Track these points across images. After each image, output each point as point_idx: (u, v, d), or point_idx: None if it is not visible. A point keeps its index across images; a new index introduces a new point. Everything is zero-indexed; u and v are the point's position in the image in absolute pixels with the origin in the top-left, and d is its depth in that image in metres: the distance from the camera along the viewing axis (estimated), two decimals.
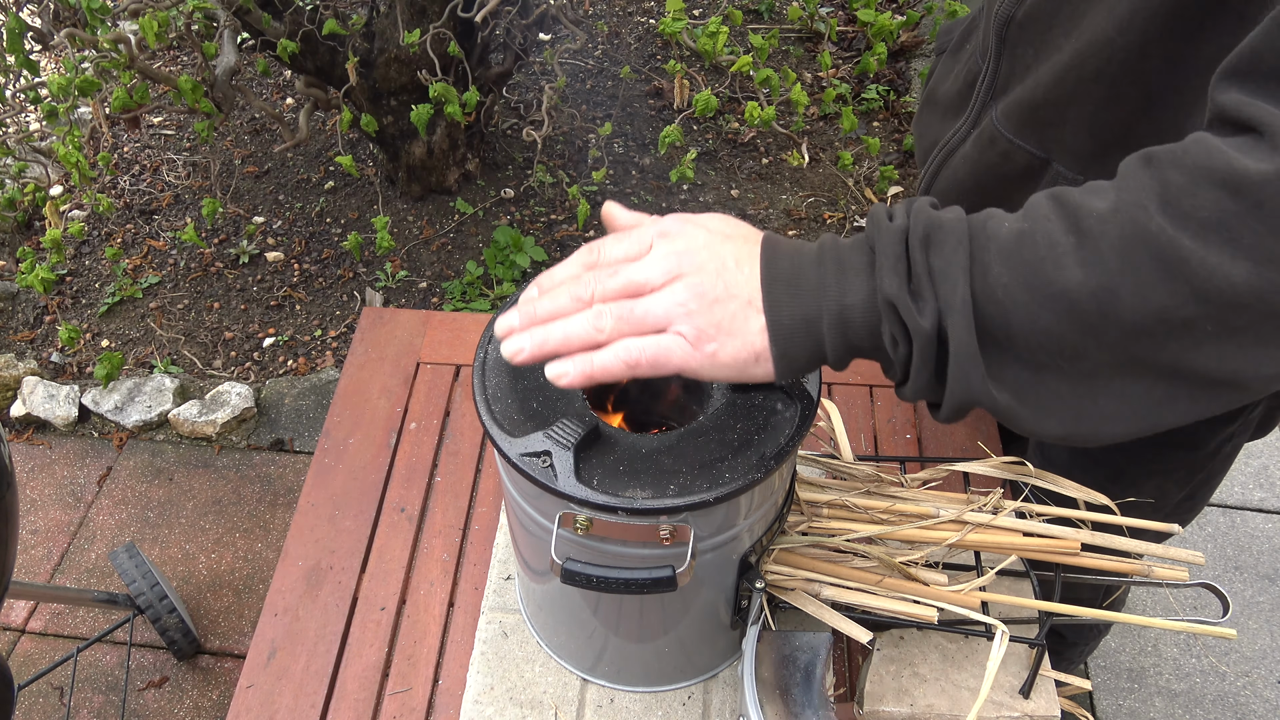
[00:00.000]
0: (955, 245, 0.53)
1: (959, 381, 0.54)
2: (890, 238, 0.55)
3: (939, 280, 0.53)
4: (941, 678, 0.79)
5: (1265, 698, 1.72)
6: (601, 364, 0.58)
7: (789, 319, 0.57)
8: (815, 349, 0.57)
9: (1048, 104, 0.76)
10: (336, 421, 1.10)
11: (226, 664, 1.81)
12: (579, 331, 0.59)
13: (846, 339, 0.56)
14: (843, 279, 0.56)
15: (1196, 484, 0.99)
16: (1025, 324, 0.52)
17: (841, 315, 0.55)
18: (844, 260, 0.56)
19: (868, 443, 1.08)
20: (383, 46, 2.18)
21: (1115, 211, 0.50)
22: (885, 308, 0.54)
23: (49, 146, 2.31)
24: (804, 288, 0.56)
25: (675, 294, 0.57)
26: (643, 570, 0.65)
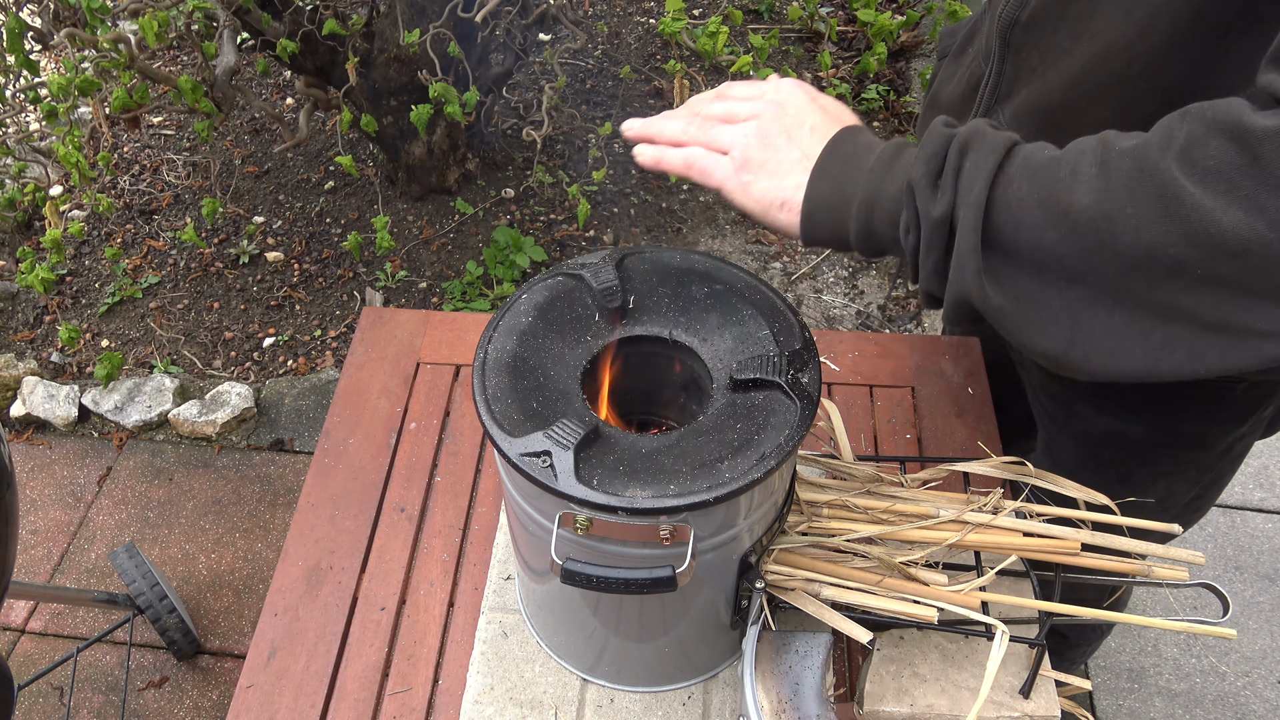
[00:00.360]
0: (988, 152, 0.58)
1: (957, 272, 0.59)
2: (937, 137, 0.61)
3: (962, 178, 0.58)
4: (941, 678, 0.79)
5: (1265, 698, 1.72)
6: (668, 159, 0.73)
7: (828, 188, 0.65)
8: (840, 222, 0.64)
9: (1063, 108, 0.75)
10: (336, 421, 1.10)
11: (226, 664, 1.81)
12: (670, 129, 0.74)
13: (869, 220, 0.63)
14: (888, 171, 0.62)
15: (1205, 485, 0.99)
16: (1031, 237, 0.56)
17: (872, 198, 0.62)
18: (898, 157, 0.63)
19: (868, 443, 1.08)
20: (383, 46, 2.18)
21: (1135, 149, 0.54)
22: (905, 192, 0.60)
23: (49, 146, 2.31)
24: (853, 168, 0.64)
25: (745, 128, 0.70)
26: (643, 570, 0.65)
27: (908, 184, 0.60)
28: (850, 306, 2.35)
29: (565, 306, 0.75)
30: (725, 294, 0.75)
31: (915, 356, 1.15)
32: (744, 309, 0.74)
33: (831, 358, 1.16)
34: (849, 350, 1.17)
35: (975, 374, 1.13)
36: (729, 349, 0.73)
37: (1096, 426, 0.95)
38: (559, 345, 0.73)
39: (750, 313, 0.74)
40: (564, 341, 0.74)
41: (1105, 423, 0.94)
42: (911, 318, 2.33)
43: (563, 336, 0.74)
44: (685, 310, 0.76)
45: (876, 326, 2.32)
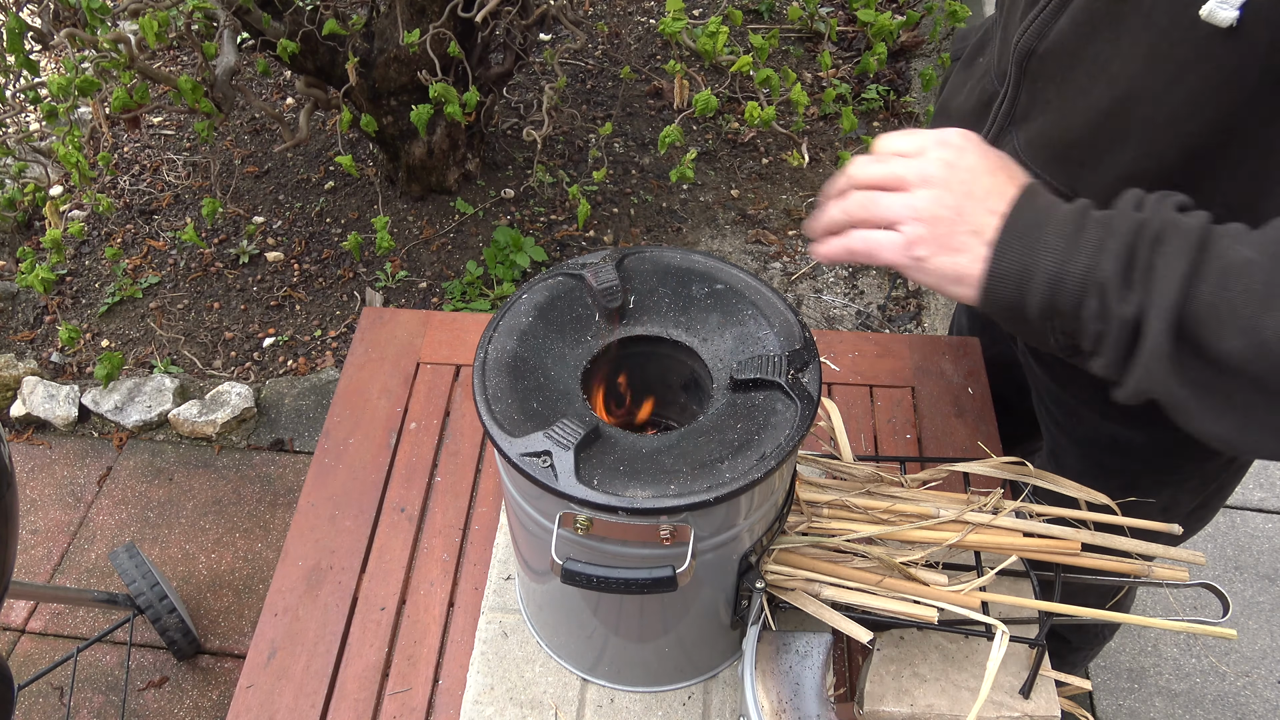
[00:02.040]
0: (1181, 250, 0.56)
1: (1143, 370, 0.58)
2: (1127, 224, 0.58)
3: (1155, 278, 0.56)
4: (941, 678, 0.79)
5: (1265, 698, 1.72)
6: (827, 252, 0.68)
7: (1011, 264, 0.61)
8: (1019, 298, 0.61)
9: (1082, 145, 0.75)
10: (336, 421, 1.10)
11: (226, 664, 1.81)
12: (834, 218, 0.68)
13: (1052, 300, 0.60)
14: (1073, 247, 0.59)
15: (1209, 494, 0.99)
16: (1215, 341, 0.55)
17: (1056, 279, 0.59)
18: (1084, 230, 0.60)
19: (868, 443, 1.08)
20: (383, 46, 2.18)
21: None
22: (1095, 286, 0.58)
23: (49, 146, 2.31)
24: (1036, 242, 0.60)
25: (915, 198, 0.64)
26: (643, 570, 0.65)
27: (1097, 280, 0.58)
28: (850, 306, 2.35)
29: (565, 306, 0.75)
30: (725, 294, 0.75)
31: (915, 356, 1.15)
32: (744, 309, 0.74)
33: (831, 358, 1.16)
34: (849, 350, 1.17)
35: (975, 374, 1.13)
36: (729, 349, 0.73)
37: (1102, 433, 0.95)
38: (559, 345, 0.73)
39: (750, 313, 0.74)
40: (564, 341, 0.74)
41: (1110, 430, 0.94)
42: (911, 317, 2.33)
43: (563, 336, 0.74)
44: (685, 310, 0.76)
45: (876, 326, 2.32)
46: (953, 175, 0.64)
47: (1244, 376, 0.56)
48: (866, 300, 2.37)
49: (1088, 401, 0.95)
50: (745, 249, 2.49)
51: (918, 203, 0.63)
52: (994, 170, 0.64)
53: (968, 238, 0.62)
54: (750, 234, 2.52)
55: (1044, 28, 0.76)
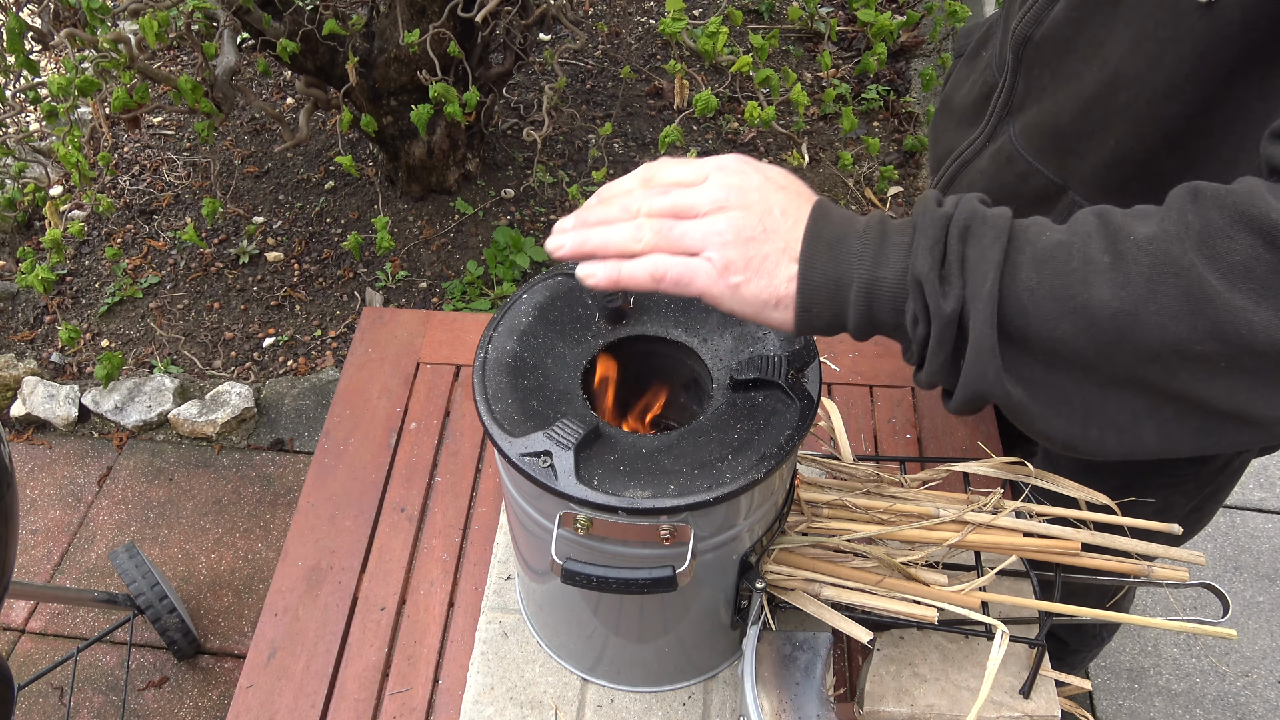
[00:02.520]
0: (993, 240, 0.55)
1: (974, 370, 0.56)
2: (933, 220, 0.56)
3: (970, 269, 0.55)
4: (941, 678, 0.79)
5: (1265, 698, 1.72)
6: (629, 272, 0.60)
7: (821, 277, 0.58)
8: (838, 313, 0.58)
9: (1071, 132, 0.75)
10: (336, 421, 1.10)
11: (226, 664, 1.81)
12: (618, 239, 0.61)
13: (870, 310, 0.57)
14: (881, 252, 0.57)
15: (1204, 497, 0.99)
16: (1044, 329, 0.53)
17: (871, 286, 0.57)
18: (887, 235, 0.58)
19: (868, 443, 1.08)
20: (383, 46, 2.18)
21: (1152, 240, 0.51)
22: (913, 285, 0.56)
23: (49, 146, 2.31)
24: (842, 252, 0.58)
25: (715, 223, 0.59)
26: (643, 570, 0.65)
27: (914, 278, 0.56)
28: None
29: (565, 306, 0.75)
30: None
31: None
32: None
33: (831, 358, 1.16)
34: (849, 350, 1.17)
35: None
36: (729, 349, 0.73)
37: None
38: (559, 345, 0.73)
39: None
40: (564, 341, 0.74)
41: None
42: None
43: (563, 336, 0.74)
44: (685, 310, 0.76)
45: None
46: (745, 196, 0.60)
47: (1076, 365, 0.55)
48: None
49: None
50: None
51: (720, 227, 0.59)
52: (782, 186, 0.61)
53: (778, 256, 0.58)
54: None
55: (1040, 14, 0.76)
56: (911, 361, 0.59)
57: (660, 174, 0.63)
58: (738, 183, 0.60)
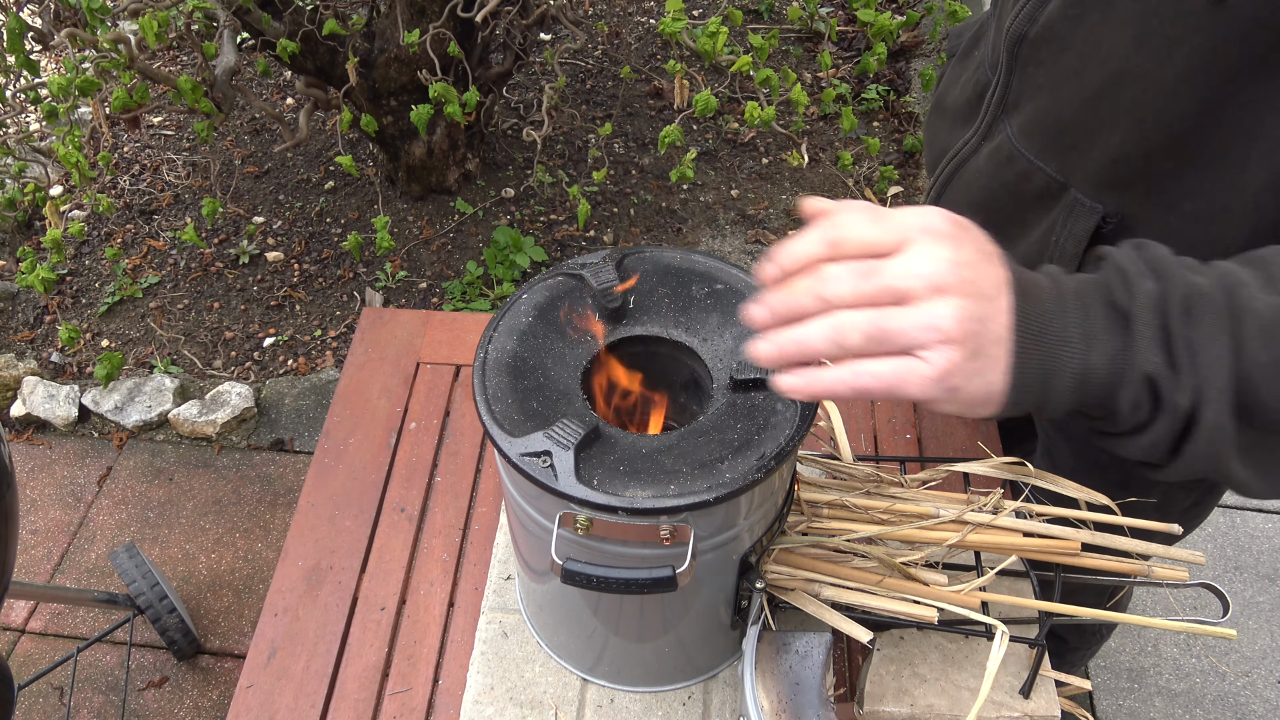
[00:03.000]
0: (1217, 319, 0.51)
1: (1205, 454, 0.53)
2: (1147, 303, 0.52)
3: (1200, 357, 0.51)
4: (941, 678, 0.79)
5: (1265, 698, 1.72)
6: (828, 384, 0.52)
7: (1033, 371, 0.52)
8: (1042, 400, 0.53)
9: (1075, 129, 0.75)
10: (336, 421, 1.10)
11: (226, 664, 1.81)
12: (818, 344, 0.52)
13: (1081, 397, 0.53)
14: (1088, 337, 0.52)
15: (1202, 491, 0.99)
16: (1271, 401, 0.51)
17: (1084, 376, 0.52)
18: (1089, 313, 0.52)
19: (868, 443, 1.08)
20: (383, 46, 2.18)
21: None
22: (1142, 379, 0.51)
23: (49, 146, 2.31)
24: (1048, 338, 0.52)
25: (936, 313, 0.49)
26: (643, 570, 0.65)
27: (1144, 374, 0.51)
28: None
29: (565, 306, 0.75)
30: (725, 294, 0.75)
31: None
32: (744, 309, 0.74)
33: None
34: None
35: None
36: (729, 349, 0.73)
37: None
38: (559, 345, 0.73)
39: None
40: (564, 341, 0.74)
41: None
42: None
43: (563, 336, 0.74)
44: (685, 310, 0.76)
45: None
46: (967, 271, 0.50)
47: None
48: None
49: None
50: (745, 249, 2.49)
51: (941, 317, 0.49)
52: (989, 257, 0.52)
53: (993, 349, 0.51)
54: (750, 234, 2.52)
55: (1034, 12, 0.76)
56: (1113, 430, 0.55)
57: (849, 233, 0.52)
58: (952, 256, 0.50)
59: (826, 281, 0.51)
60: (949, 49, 1.04)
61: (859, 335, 0.50)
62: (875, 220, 0.52)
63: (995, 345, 0.51)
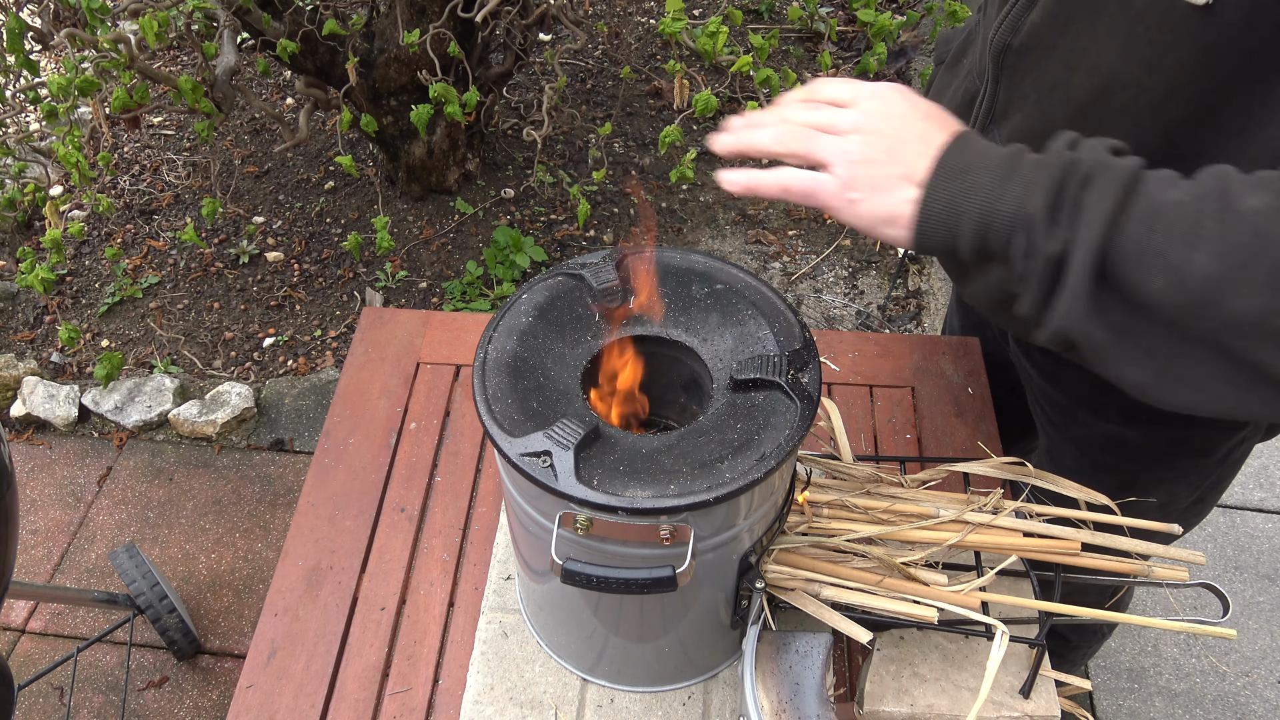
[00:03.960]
0: (1109, 189, 0.57)
1: (1064, 308, 0.59)
2: (1058, 163, 0.59)
3: (1081, 215, 0.57)
4: (941, 678, 0.79)
5: (1265, 698, 1.72)
6: (760, 181, 0.67)
7: (941, 205, 0.62)
8: (950, 239, 0.62)
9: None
10: (336, 421, 1.10)
11: (226, 664, 1.81)
12: (764, 142, 0.68)
13: (983, 238, 0.61)
14: (1003, 186, 0.60)
15: (1206, 489, 0.99)
16: (1138, 281, 0.56)
17: (986, 217, 0.60)
18: (1016, 170, 0.60)
19: (868, 443, 1.08)
20: (383, 46, 2.18)
21: (1257, 212, 0.54)
22: (1023, 223, 0.59)
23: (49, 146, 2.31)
24: (967, 182, 0.61)
25: (848, 142, 0.65)
26: (643, 570, 0.65)
27: (1025, 215, 0.59)
28: (850, 306, 2.35)
29: (565, 306, 0.75)
30: (725, 294, 0.75)
31: (915, 356, 1.15)
32: (744, 309, 0.74)
33: (831, 358, 1.16)
34: (849, 350, 1.17)
35: (975, 374, 1.13)
36: (729, 349, 0.73)
37: (1098, 433, 0.95)
38: (559, 345, 0.73)
39: (750, 313, 0.74)
40: (564, 341, 0.74)
41: (1107, 429, 0.94)
42: (911, 317, 2.33)
43: (563, 336, 0.74)
44: (685, 310, 0.76)
45: (876, 326, 2.32)
46: (885, 123, 0.65)
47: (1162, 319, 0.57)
48: (866, 300, 2.37)
49: (1083, 401, 0.95)
50: (745, 249, 2.49)
51: (850, 147, 0.65)
52: (926, 117, 0.66)
53: (899, 180, 0.63)
54: (750, 234, 2.52)
55: (1017, 21, 0.76)
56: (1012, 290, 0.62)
57: (821, 90, 0.69)
58: (881, 109, 0.66)
59: (786, 108, 0.69)
60: (937, 56, 1.04)
61: (791, 141, 0.66)
62: (844, 84, 0.69)
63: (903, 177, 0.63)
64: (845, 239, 2.50)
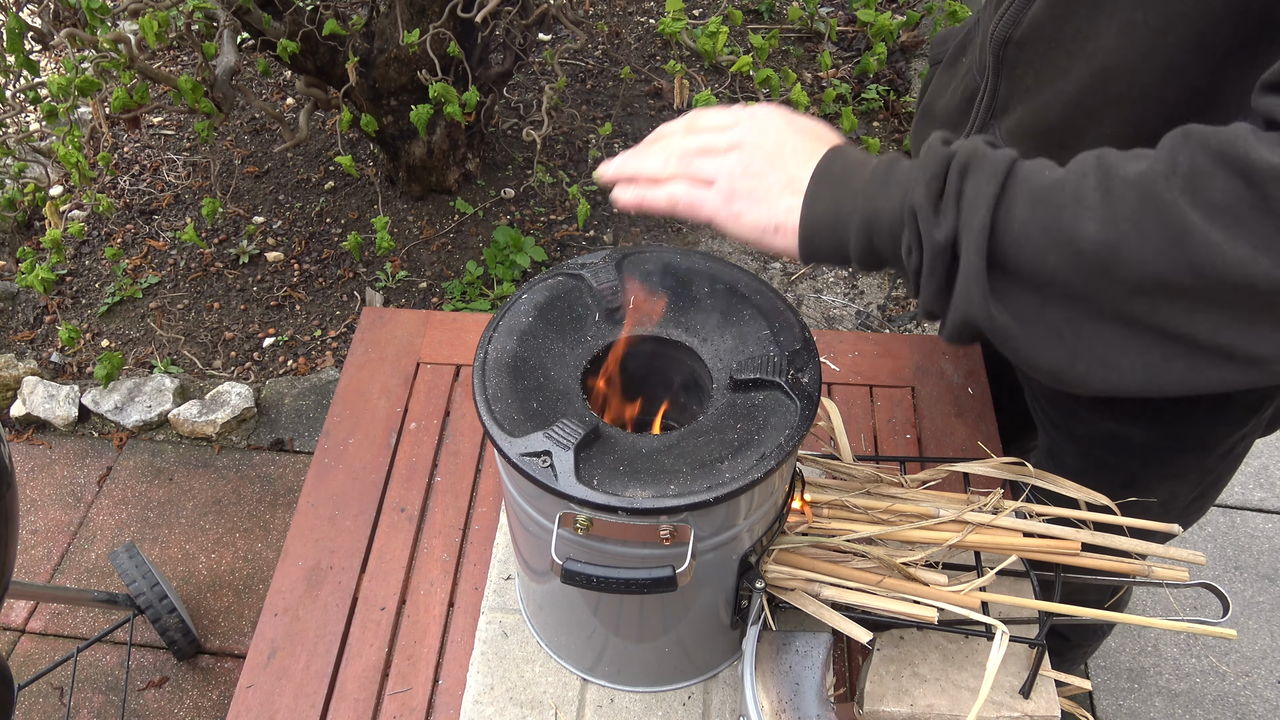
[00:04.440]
0: (989, 176, 0.58)
1: (962, 296, 0.59)
2: (936, 157, 0.60)
3: (965, 203, 0.58)
4: (941, 678, 0.79)
5: (1265, 698, 1.72)
6: (651, 197, 0.71)
7: (823, 210, 0.64)
8: (839, 242, 0.64)
9: (1063, 127, 0.75)
10: (336, 421, 1.10)
11: (226, 664, 1.81)
12: (648, 168, 0.72)
13: (870, 241, 0.63)
14: (884, 188, 0.62)
15: (1206, 485, 0.99)
16: (1033, 261, 0.57)
17: (870, 218, 0.62)
18: (893, 173, 0.62)
19: (868, 443, 1.08)
20: (383, 46, 2.18)
21: (1141, 177, 0.54)
22: (908, 216, 0.60)
23: (49, 146, 2.31)
24: (847, 188, 0.63)
25: (727, 159, 0.68)
26: (643, 570, 0.65)
27: (910, 206, 0.60)
28: (850, 306, 2.35)
29: (565, 306, 0.75)
30: (725, 294, 0.75)
31: (915, 356, 1.15)
32: (744, 309, 0.74)
33: (831, 358, 1.16)
34: (849, 350, 1.17)
35: (975, 374, 1.13)
36: (729, 349, 0.73)
37: (1099, 431, 0.96)
38: (559, 345, 0.73)
39: (750, 313, 0.74)
40: (564, 341, 0.74)
41: (1108, 427, 0.94)
42: (911, 317, 2.33)
43: (563, 336, 0.74)
44: (685, 310, 0.76)
45: (876, 326, 2.32)
46: (763, 138, 0.68)
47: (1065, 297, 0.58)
48: (866, 300, 2.37)
49: (1084, 400, 0.95)
50: (745, 249, 2.49)
51: (730, 163, 0.68)
52: (802, 132, 0.68)
53: (780, 190, 0.65)
54: None
55: (1019, 14, 0.76)
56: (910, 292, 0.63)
57: (700, 120, 0.72)
58: (758, 127, 0.69)
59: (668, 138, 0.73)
60: (933, 57, 1.04)
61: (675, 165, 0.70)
62: (721, 112, 0.72)
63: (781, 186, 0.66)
64: None
